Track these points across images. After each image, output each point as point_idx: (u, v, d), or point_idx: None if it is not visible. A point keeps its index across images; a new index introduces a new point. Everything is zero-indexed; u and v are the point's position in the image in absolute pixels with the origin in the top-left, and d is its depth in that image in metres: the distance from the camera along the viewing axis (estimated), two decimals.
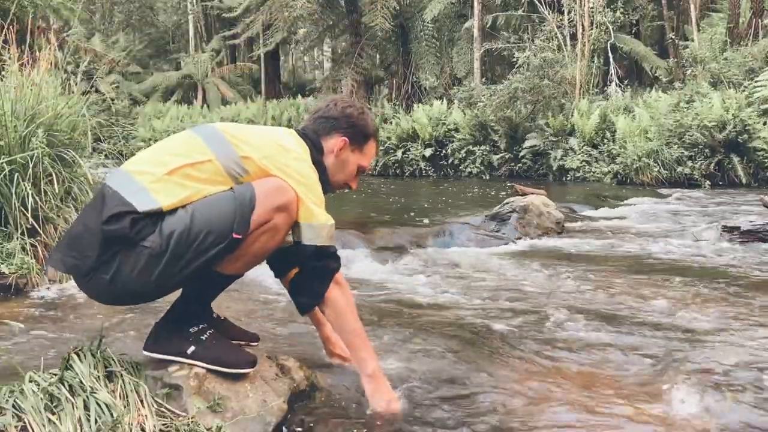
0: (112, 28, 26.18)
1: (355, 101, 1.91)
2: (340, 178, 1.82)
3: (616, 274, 3.39)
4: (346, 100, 1.84)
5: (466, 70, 15.61)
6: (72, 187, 3.30)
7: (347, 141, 1.78)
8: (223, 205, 1.51)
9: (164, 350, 1.62)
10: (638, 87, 14.11)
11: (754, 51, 11.10)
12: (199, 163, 1.54)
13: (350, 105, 1.82)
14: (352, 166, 1.82)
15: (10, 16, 3.86)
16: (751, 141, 8.63)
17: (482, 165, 11.29)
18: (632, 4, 15.14)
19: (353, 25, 15.31)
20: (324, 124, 1.79)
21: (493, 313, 2.65)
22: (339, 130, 1.78)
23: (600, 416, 1.67)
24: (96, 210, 1.51)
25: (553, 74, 11.35)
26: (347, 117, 1.79)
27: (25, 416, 1.35)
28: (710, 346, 2.20)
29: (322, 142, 1.78)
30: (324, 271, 1.65)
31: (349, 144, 1.79)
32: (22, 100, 3.16)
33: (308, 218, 1.60)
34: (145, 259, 1.47)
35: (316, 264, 1.64)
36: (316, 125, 1.80)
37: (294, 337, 2.26)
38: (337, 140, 1.78)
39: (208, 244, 1.48)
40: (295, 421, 1.62)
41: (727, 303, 2.78)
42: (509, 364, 2.04)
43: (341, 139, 1.78)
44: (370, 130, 1.83)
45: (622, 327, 2.43)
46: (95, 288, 1.54)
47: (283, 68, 27.44)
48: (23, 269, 2.87)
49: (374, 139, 1.86)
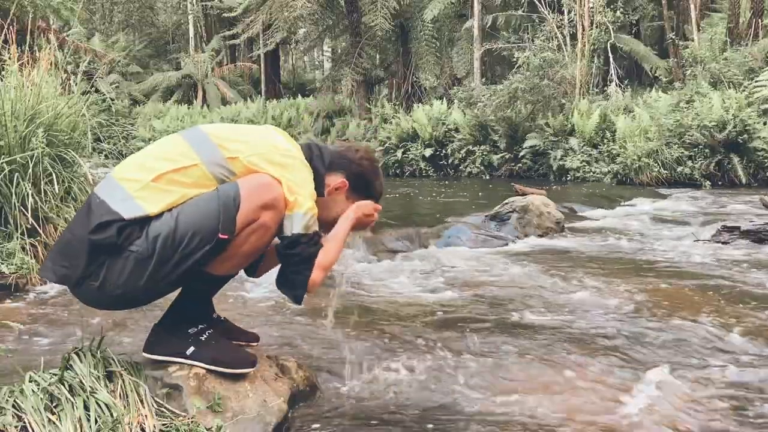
0: (112, 28, 26.15)
1: (376, 159, 1.88)
2: (326, 215, 1.75)
3: (616, 274, 3.39)
4: (368, 153, 1.84)
5: (466, 70, 15.62)
6: (72, 187, 3.30)
7: (348, 185, 1.77)
8: (208, 205, 1.50)
9: (164, 352, 1.62)
10: (638, 87, 14.12)
11: (754, 51, 11.10)
12: (184, 168, 1.53)
13: (368, 158, 1.82)
14: (340, 211, 1.77)
15: (10, 16, 3.86)
16: (751, 141, 8.63)
17: (482, 165, 11.29)
18: (632, 4, 15.15)
19: (353, 25, 15.30)
20: (337, 159, 1.77)
21: (493, 313, 2.65)
22: (347, 173, 1.77)
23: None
24: (83, 219, 1.51)
25: (553, 74, 11.35)
26: (360, 167, 1.79)
27: (25, 416, 1.35)
28: (710, 346, 2.20)
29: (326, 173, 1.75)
30: (301, 258, 1.59)
31: (348, 189, 1.77)
32: (22, 100, 3.16)
33: (291, 209, 1.56)
34: (132, 264, 1.46)
35: (290, 252, 1.58)
36: (330, 156, 1.77)
37: (294, 337, 2.26)
38: (340, 179, 1.76)
39: (195, 245, 1.47)
40: (295, 421, 1.62)
41: (728, 303, 2.77)
42: (510, 363, 2.04)
43: (342, 181, 1.76)
44: (374, 190, 1.83)
45: (623, 327, 2.43)
46: (87, 295, 1.54)
47: (283, 68, 27.42)
48: (23, 269, 2.87)
49: (375, 199, 1.83)
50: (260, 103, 18.79)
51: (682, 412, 1.70)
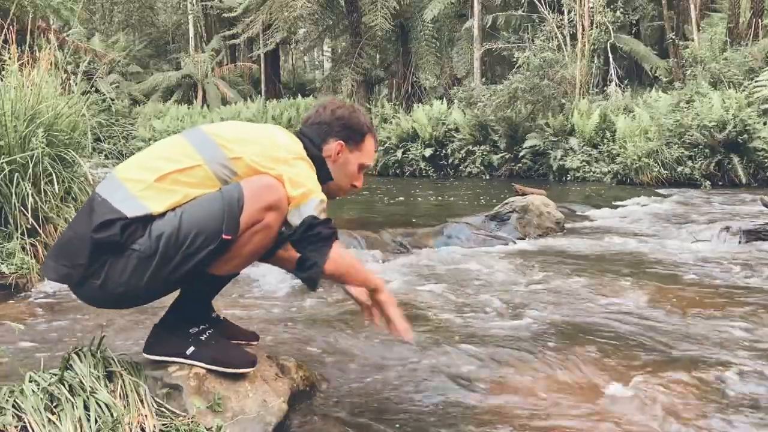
0: (112, 28, 26.14)
1: (344, 101, 1.87)
2: (345, 182, 1.79)
3: (616, 273, 3.39)
4: (335, 102, 1.82)
5: (466, 70, 15.62)
6: (72, 187, 3.30)
7: (343, 144, 1.76)
8: (211, 205, 1.49)
9: (164, 352, 1.62)
10: (638, 87, 14.11)
11: (754, 51, 11.09)
12: (188, 168, 1.53)
13: (339, 106, 1.80)
14: (353, 167, 1.79)
15: (10, 16, 3.86)
16: (751, 141, 8.62)
17: (482, 165, 11.29)
18: (632, 4, 15.14)
19: (353, 25, 15.30)
20: (318, 130, 1.76)
21: (493, 313, 2.65)
22: (333, 134, 1.76)
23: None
24: (86, 218, 1.50)
25: (553, 74, 11.34)
26: (338, 119, 1.77)
27: (25, 416, 1.35)
28: (710, 347, 2.21)
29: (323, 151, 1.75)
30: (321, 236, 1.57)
31: (346, 146, 1.77)
32: (22, 100, 3.16)
33: (296, 204, 1.56)
34: (135, 263, 1.46)
35: (309, 234, 1.56)
36: (311, 132, 1.77)
37: (294, 337, 2.26)
38: (333, 145, 1.75)
39: (198, 245, 1.47)
40: (295, 421, 1.62)
41: (727, 303, 2.78)
42: (509, 362, 2.04)
43: (337, 143, 1.75)
44: (363, 127, 1.81)
45: (623, 326, 2.43)
46: (88, 294, 1.54)
47: (283, 68, 27.41)
48: (23, 269, 2.88)
49: (371, 135, 1.83)
50: (260, 103, 18.78)
51: (681, 411, 1.70)
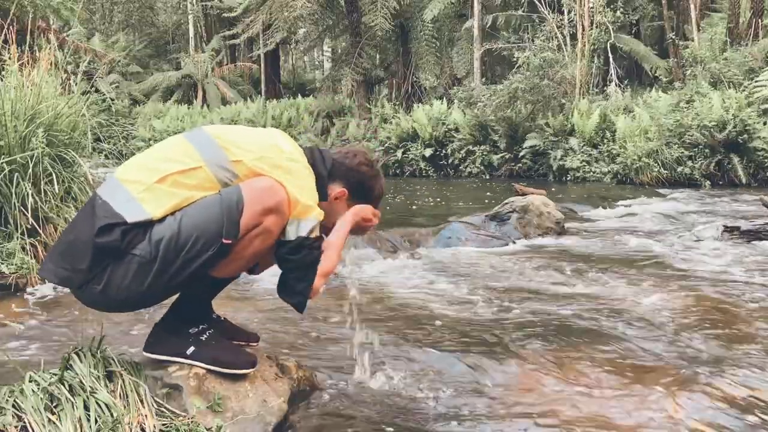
0: (112, 28, 26.15)
1: (374, 162, 1.88)
2: (327, 221, 1.74)
3: (616, 273, 3.39)
4: (366, 158, 1.83)
5: (466, 70, 15.61)
6: (72, 187, 3.30)
7: (346, 193, 1.77)
8: (211, 209, 1.49)
9: (164, 351, 1.62)
10: (638, 87, 14.10)
11: (754, 51, 11.09)
12: (189, 170, 1.52)
13: (367, 163, 1.82)
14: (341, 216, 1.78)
15: (10, 16, 3.86)
16: (751, 141, 8.62)
17: (482, 165, 11.29)
18: (632, 4, 15.13)
19: (353, 25, 15.30)
20: (337, 166, 1.77)
21: (493, 313, 2.65)
22: (345, 181, 1.77)
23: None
24: (87, 220, 1.49)
25: (553, 74, 11.34)
26: (358, 172, 1.79)
27: (25, 416, 1.35)
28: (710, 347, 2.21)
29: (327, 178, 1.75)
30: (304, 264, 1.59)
31: (348, 196, 1.78)
32: (22, 100, 3.16)
33: (298, 215, 1.56)
34: (135, 268, 1.46)
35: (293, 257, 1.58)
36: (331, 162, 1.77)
37: (294, 337, 2.26)
38: (339, 188, 1.76)
39: (198, 250, 1.47)
40: (295, 421, 1.62)
41: (728, 303, 2.77)
42: (510, 362, 2.04)
43: (341, 190, 1.76)
44: (374, 194, 1.84)
45: (623, 326, 2.43)
46: (89, 297, 1.53)
47: (283, 68, 27.41)
48: (23, 269, 2.87)
49: (375, 203, 1.85)
50: (260, 103, 18.78)
51: (681, 410, 1.70)
